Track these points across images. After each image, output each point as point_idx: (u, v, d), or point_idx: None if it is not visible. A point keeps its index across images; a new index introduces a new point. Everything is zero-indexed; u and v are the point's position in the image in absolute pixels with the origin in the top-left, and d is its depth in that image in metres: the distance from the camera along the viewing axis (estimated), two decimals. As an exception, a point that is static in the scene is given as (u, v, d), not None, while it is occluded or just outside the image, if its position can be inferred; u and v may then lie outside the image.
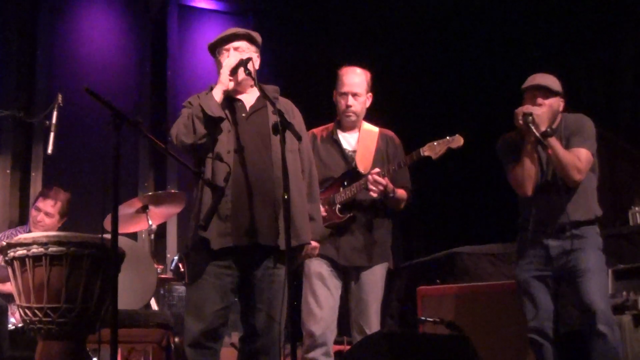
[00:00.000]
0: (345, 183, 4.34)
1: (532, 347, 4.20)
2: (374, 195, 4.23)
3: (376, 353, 3.21)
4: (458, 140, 4.25)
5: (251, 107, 3.68)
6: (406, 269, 6.41)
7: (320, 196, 4.20)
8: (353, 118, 4.43)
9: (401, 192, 4.36)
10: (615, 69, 6.84)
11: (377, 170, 4.23)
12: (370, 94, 4.46)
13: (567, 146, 4.16)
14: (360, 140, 4.45)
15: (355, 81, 4.39)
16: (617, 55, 6.80)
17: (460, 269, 5.74)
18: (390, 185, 4.24)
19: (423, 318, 4.87)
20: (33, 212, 5.15)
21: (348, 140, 4.46)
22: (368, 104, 4.47)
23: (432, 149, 4.24)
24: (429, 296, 5.20)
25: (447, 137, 4.26)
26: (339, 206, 4.31)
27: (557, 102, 4.24)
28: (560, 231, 4.12)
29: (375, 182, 4.19)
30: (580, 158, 4.12)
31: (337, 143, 4.43)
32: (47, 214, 5.11)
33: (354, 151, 4.43)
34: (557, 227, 4.12)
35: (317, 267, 4.29)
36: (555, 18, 7.08)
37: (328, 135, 4.47)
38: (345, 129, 4.47)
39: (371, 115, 4.55)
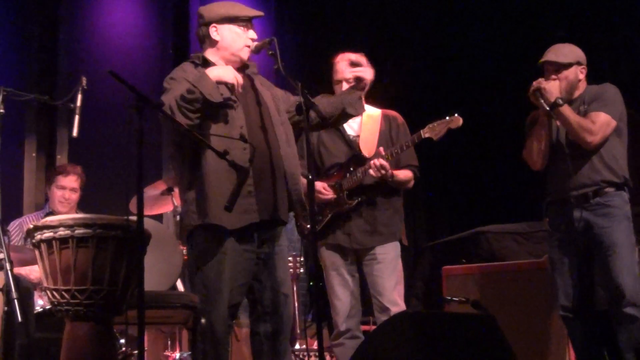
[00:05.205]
0: (352, 169, 4.34)
1: (565, 325, 4.19)
2: (376, 175, 4.20)
3: (401, 333, 3.20)
4: (457, 121, 4.24)
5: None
6: (431, 249, 6.40)
7: (328, 182, 4.32)
8: None
9: (404, 174, 4.35)
10: (638, 48, 6.75)
11: (380, 149, 4.20)
12: None
13: (587, 112, 4.11)
14: (363, 124, 4.42)
15: None
16: (640, 34, 6.72)
17: (485, 248, 5.73)
18: (390, 172, 4.21)
19: (448, 297, 4.88)
20: (57, 192, 5.17)
21: (351, 125, 4.42)
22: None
23: (432, 130, 4.24)
24: (453, 276, 5.20)
25: (447, 118, 4.25)
26: (347, 192, 4.31)
27: (574, 73, 4.17)
28: (584, 200, 4.07)
29: (378, 169, 4.16)
30: (594, 121, 4.04)
31: (339, 130, 4.39)
32: (72, 189, 5.17)
33: (357, 136, 4.41)
34: (579, 196, 4.07)
35: (330, 257, 4.34)
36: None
37: None
38: None
39: (371, 96, 4.45)
